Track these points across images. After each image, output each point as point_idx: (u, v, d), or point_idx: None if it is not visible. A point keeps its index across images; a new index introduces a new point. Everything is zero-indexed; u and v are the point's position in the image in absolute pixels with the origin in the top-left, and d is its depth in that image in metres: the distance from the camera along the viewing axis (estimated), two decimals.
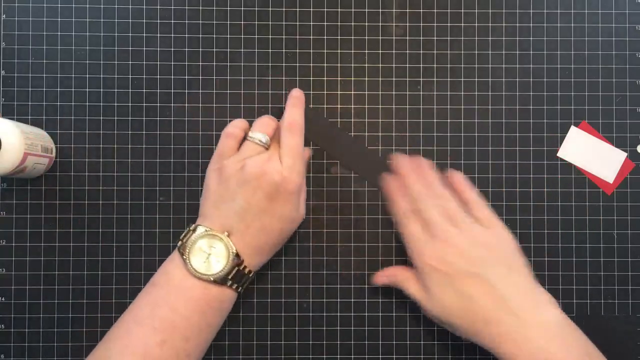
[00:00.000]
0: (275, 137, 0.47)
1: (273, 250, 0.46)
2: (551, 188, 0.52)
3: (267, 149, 0.46)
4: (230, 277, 0.43)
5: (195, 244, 0.43)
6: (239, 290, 0.45)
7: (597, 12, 0.53)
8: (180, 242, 0.44)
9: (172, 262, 0.44)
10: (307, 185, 0.52)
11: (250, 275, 0.45)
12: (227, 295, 0.44)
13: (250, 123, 0.49)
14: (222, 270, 0.42)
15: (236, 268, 0.43)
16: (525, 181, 0.52)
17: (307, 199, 0.52)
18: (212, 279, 0.42)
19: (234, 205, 0.44)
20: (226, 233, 0.43)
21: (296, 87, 0.52)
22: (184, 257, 0.43)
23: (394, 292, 0.52)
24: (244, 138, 0.47)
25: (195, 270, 0.42)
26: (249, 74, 0.52)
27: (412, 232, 0.46)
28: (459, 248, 0.44)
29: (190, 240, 0.43)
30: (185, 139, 0.52)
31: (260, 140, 0.46)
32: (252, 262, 0.44)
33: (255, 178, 0.43)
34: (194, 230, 0.44)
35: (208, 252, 0.43)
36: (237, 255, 0.43)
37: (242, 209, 0.43)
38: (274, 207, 0.44)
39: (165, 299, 0.42)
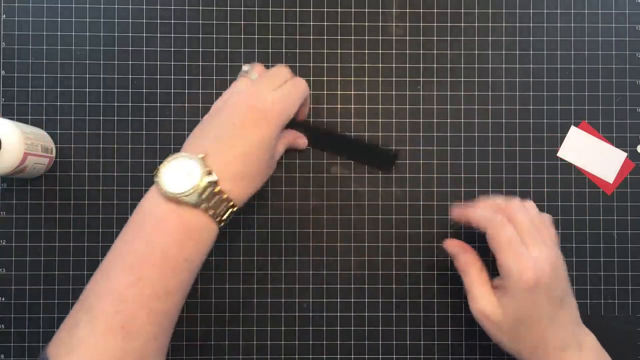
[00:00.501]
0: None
1: (253, 182, 0.42)
2: (551, 188, 0.52)
3: None
4: (204, 197, 0.39)
5: (168, 165, 0.40)
6: (219, 220, 0.40)
7: (597, 12, 0.53)
8: (155, 170, 0.40)
9: (148, 194, 0.41)
10: (307, 185, 0.52)
11: (230, 204, 0.40)
12: (204, 224, 0.40)
13: None
14: (193, 188, 0.39)
15: (210, 189, 0.39)
16: (525, 181, 0.52)
17: (307, 199, 0.52)
18: (184, 198, 0.39)
19: (212, 129, 0.42)
20: (201, 155, 0.40)
21: None
22: (155, 179, 0.40)
23: (394, 292, 0.52)
24: None
25: (166, 190, 0.39)
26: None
27: (509, 236, 0.42)
28: (553, 264, 0.42)
29: (163, 162, 0.40)
30: (185, 139, 0.52)
31: (246, 72, 0.46)
32: (230, 188, 0.40)
33: (237, 102, 0.42)
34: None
35: (181, 173, 0.39)
36: (210, 173, 0.40)
37: (220, 130, 0.41)
38: (252, 131, 0.41)
39: (139, 233, 0.39)
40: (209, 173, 0.40)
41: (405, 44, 0.53)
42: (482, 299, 0.44)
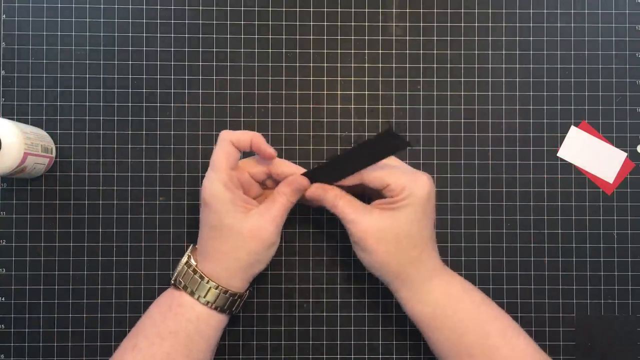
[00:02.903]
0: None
1: (227, 260, 0.44)
2: (551, 188, 0.52)
3: None
4: (182, 277, 0.44)
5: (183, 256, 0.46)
6: (197, 297, 0.43)
7: (597, 12, 0.53)
8: None
9: None
10: None
11: (214, 285, 0.43)
12: (184, 300, 0.43)
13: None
14: (177, 273, 0.44)
15: (186, 269, 0.44)
16: (525, 181, 0.52)
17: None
18: (171, 280, 0.45)
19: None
20: (192, 245, 0.46)
21: (296, 87, 0.52)
22: None
23: None
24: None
25: (170, 278, 0.45)
26: (249, 74, 0.52)
27: (380, 167, 0.44)
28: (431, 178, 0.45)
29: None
30: (185, 139, 0.52)
31: None
32: (208, 270, 0.44)
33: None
34: None
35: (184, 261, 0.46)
36: (192, 259, 0.45)
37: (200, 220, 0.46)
38: (203, 216, 0.44)
39: (150, 306, 0.46)
40: (190, 259, 0.45)
41: (405, 44, 0.53)
42: (365, 217, 0.44)
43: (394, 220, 0.43)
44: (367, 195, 0.47)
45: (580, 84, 0.53)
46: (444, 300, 0.44)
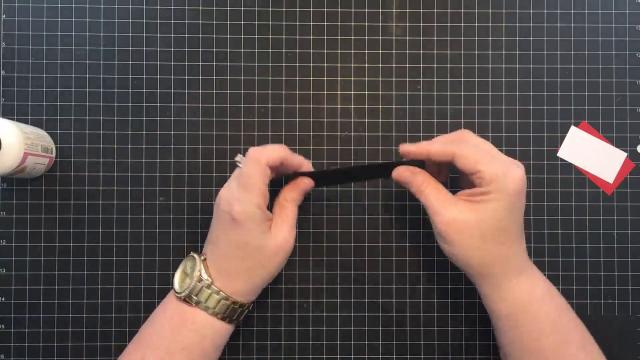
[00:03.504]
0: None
1: (247, 277, 0.44)
2: (551, 188, 0.52)
3: None
4: (195, 294, 0.43)
5: (181, 266, 0.45)
6: (220, 316, 0.43)
7: (597, 12, 0.53)
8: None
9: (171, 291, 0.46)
10: None
11: (229, 301, 0.43)
12: (199, 316, 0.43)
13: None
14: (187, 287, 0.43)
15: (201, 286, 0.43)
16: None
17: (307, 199, 0.52)
18: (181, 295, 0.43)
19: (211, 232, 0.45)
20: (203, 257, 0.45)
21: (296, 87, 0.52)
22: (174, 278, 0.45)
23: (394, 292, 0.52)
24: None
25: (174, 289, 0.44)
26: (249, 74, 0.52)
27: (476, 145, 0.42)
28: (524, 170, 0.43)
29: (181, 263, 0.46)
30: (185, 139, 0.52)
31: (239, 162, 0.45)
32: (223, 285, 0.43)
33: (216, 205, 0.44)
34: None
35: (187, 272, 0.45)
36: (204, 274, 0.43)
37: (211, 235, 0.45)
38: (227, 234, 0.43)
39: (151, 318, 0.45)
40: (202, 274, 0.43)
41: (405, 44, 0.53)
42: (450, 209, 0.42)
43: (480, 215, 0.41)
44: (462, 187, 0.46)
45: (580, 84, 0.53)
46: (526, 301, 0.43)
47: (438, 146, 0.43)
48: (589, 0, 0.53)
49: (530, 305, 0.43)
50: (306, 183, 0.45)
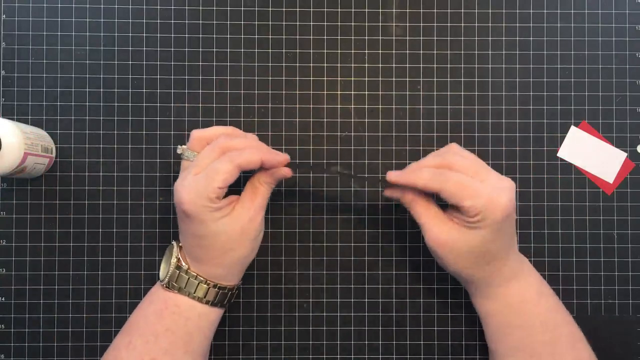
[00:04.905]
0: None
1: (222, 262, 0.44)
2: (551, 188, 0.52)
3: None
4: (175, 280, 0.44)
5: (165, 255, 0.46)
6: (195, 298, 0.44)
7: (597, 12, 0.53)
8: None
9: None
10: (307, 185, 0.52)
11: (210, 284, 0.44)
12: (181, 300, 0.44)
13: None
14: (167, 274, 0.44)
15: (179, 273, 0.44)
16: (525, 181, 0.52)
17: (307, 199, 0.52)
18: (163, 283, 0.44)
19: None
20: (180, 244, 0.45)
21: (296, 87, 0.52)
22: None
23: (394, 292, 0.52)
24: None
25: (158, 277, 0.45)
26: (249, 74, 0.52)
27: (460, 179, 0.41)
28: (513, 187, 0.43)
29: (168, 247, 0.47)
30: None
31: (181, 155, 0.46)
32: (200, 271, 0.44)
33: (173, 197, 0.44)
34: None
35: (168, 261, 0.45)
36: (179, 260, 0.44)
37: (178, 224, 0.45)
38: (185, 225, 0.43)
39: (138, 307, 0.46)
40: (179, 261, 0.44)
41: (405, 44, 0.53)
42: (441, 230, 0.42)
43: (468, 238, 0.42)
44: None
45: (580, 84, 0.53)
46: (516, 303, 0.44)
47: (423, 182, 0.42)
48: (589, 0, 0.53)
49: (520, 306, 0.44)
50: (284, 173, 0.44)
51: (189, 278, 0.44)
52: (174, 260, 0.44)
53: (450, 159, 0.43)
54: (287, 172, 0.44)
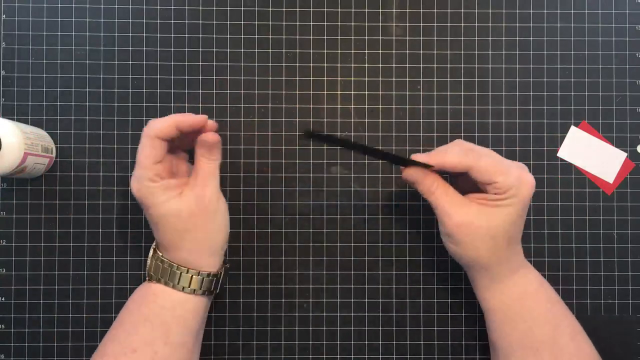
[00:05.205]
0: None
1: (186, 244, 0.44)
2: (551, 188, 0.52)
3: None
4: (153, 270, 0.45)
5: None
6: (171, 285, 0.44)
7: (597, 12, 0.53)
8: None
9: None
10: (307, 185, 0.52)
11: (177, 270, 0.44)
12: (159, 289, 0.44)
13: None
14: (147, 265, 0.45)
15: (154, 261, 0.45)
16: None
17: (308, 199, 0.52)
18: (145, 274, 0.45)
19: None
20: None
21: (296, 87, 0.52)
22: None
23: (394, 292, 0.52)
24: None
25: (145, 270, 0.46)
26: (249, 74, 0.52)
27: (492, 156, 0.43)
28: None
29: None
30: None
31: None
32: (171, 258, 0.44)
33: None
34: None
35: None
36: (155, 250, 0.45)
37: None
38: (146, 212, 0.44)
39: (125, 304, 0.46)
40: (155, 252, 0.45)
41: (405, 44, 0.53)
42: (461, 212, 0.42)
43: (493, 219, 0.42)
44: (459, 185, 0.45)
45: (580, 84, 0.53)
46: (520, 295, 0.44)
47: (453, 158, 0.43)
48: (589, 0, 0.53)
49: (523, 298, 0.44)
50: (207, 138, 0.44)
51: (162, 266, 0.44)
52: (150, 252, 0.45)
53: (471, 149, 0.43)
54: (210, 137, 0.44)
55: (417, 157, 0.43)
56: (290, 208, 0.52)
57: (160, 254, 0.45)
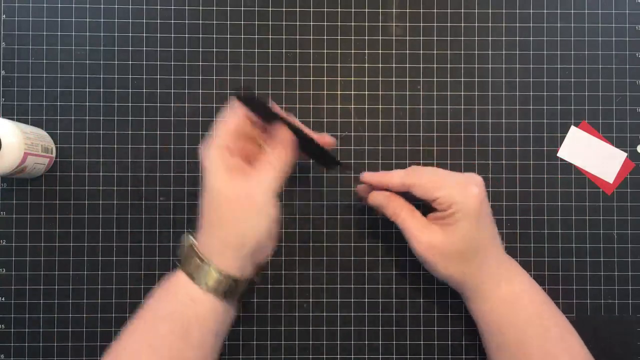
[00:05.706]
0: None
1: (224, 231, 0.41)
2: (551, 188, 0.52)
3: None
4: (182, 256, 0.42)
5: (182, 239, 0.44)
6: (193, 278, 0.41)
7: (597, 12, 0.53)
8: None
9: None
10: (307, 185, 0.52)
11: (201, 262, 0.41)
12: (180, 279, 0.41)
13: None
14: (181, 253, 0.43)
15: (185, 247, 0.42)
16: (525, 181, 0.52)
17: (308, 199, 0.52)
18: (178, 262, 0.43)
19: None
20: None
21: (296, 87, 0.52)
22: None
23: (394, 292, 0.52)
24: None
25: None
26: (249, 74, 0.52)
27: (432, 172, 0.45)
28: (480, 178, 0.45)
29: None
30: (185, 139, 0.52)
31: None
32: (201, 244, 0.42)
33: None
34: None
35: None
36: (191, 237, 0.43)
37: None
38: (203, 183, 0.42)
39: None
40: (189, 237, 0.43)
41: (405, 44, 0.53)
42: (426, 234, 0.44)
43: (451, 235, 0.43)
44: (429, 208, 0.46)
45: (580, 84, 0.53)
46: (511, 301, 0.44)
47: (397, 179, 0.45)
48: (589, 0, 0.53)
49: (513, 304, 0.44)
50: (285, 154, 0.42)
51: (189, 253, 0.42)
52: (186, 235, 0.43)
53: (414, 169, 0.46)
54: (287, 154, 0.42)
55: (365, 175, 0.46)
56: (290, 208, 0.52)
57: (195, 242, 0.42)
